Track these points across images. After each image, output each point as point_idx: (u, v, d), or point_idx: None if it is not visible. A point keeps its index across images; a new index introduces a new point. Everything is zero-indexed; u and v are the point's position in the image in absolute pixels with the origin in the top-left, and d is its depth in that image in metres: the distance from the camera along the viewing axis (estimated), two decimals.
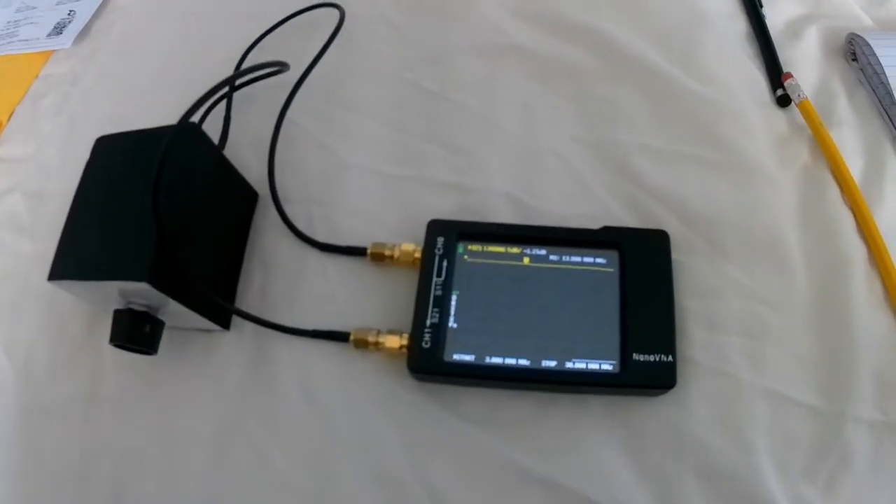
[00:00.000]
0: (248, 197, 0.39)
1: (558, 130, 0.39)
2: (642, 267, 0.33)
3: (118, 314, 0.33)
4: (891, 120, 0.41)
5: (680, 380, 0.32)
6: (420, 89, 0.41)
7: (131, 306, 0.33)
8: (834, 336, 0.34)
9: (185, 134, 0.34)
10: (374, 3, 0.47)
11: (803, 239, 0.37)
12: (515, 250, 0.34)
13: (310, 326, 0.35)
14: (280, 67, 0.37)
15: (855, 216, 0.37)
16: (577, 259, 0.34)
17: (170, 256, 0.30)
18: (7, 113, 0.49)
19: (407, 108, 0.41)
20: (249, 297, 0.37)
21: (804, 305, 0.35)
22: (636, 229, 0.35)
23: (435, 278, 0.33)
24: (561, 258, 0.34)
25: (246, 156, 0.39)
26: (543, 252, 0.34)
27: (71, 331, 0.38)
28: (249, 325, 0.36)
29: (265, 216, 0.38)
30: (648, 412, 0.33)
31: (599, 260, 0.34)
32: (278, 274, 0.37)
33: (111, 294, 0.32)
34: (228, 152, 0.38)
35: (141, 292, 0.31)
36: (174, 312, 0.33)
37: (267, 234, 0.38)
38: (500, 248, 0.34)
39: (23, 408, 0.36)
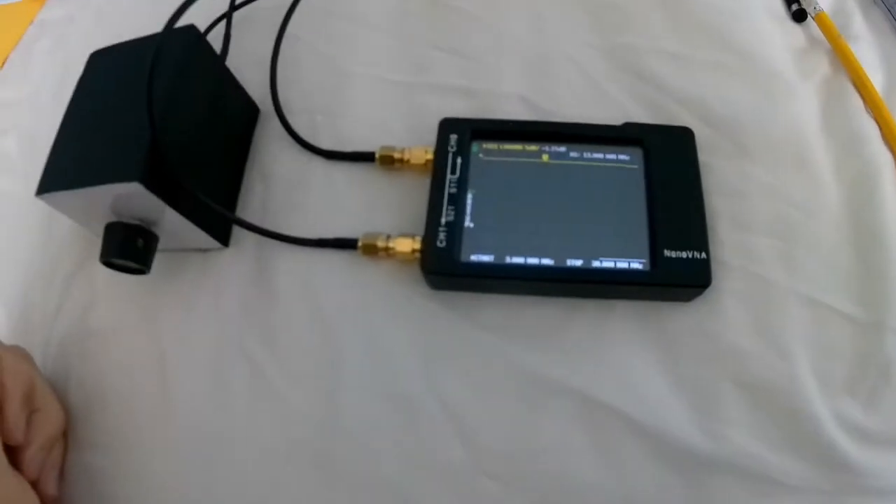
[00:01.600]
0: (248, 110, 0.36)
1: (571, 36, 0.37)
2: (667, 163, 0.31)
3: (109, 228, 0.29)
4: None
5: (712, 283, 0.29)
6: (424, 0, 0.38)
7: (123, 220, 0.29)
8: (866, 244, 0.31)
9: (184, 37, 0.31)
10: None
11: (828, 145, 0.34)
12: (533, 148, 0.31)
13: (315, 237, 0.31)
14: None
15: (879, 126, 0.35)
16: (599, 156, 0.31)
17: (163, 157, 0.27)
18: (0, 60, 0.46)
19: (412, 18, 0.38)
20: (250, 210, 0.33)
21: (834, 211, 0.32)
22: (659, 125, 0.32)
23: (449, 175, 0.30)
24: (582, 155, 0.31)
25: (247, 73, 0.36)
26: (563, 149, 0.31)
27: (63, 267, 0.35)
28: (250, 241, 0.32)
29: (266, 130, 0.35)
30: (679, 317, 0.30)
31: (622, 157, 0.31)
32: (281, 185, 0.34)
33: (104, 207, 0.29)
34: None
35: (133, 199, 0.28)
36: (169, 227, 0.30)
37: (268, 147, 0.35)
38: (517, 146, 0.31)
39: None
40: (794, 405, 0.28)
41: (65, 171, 0.28)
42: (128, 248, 0.29)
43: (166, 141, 0.27)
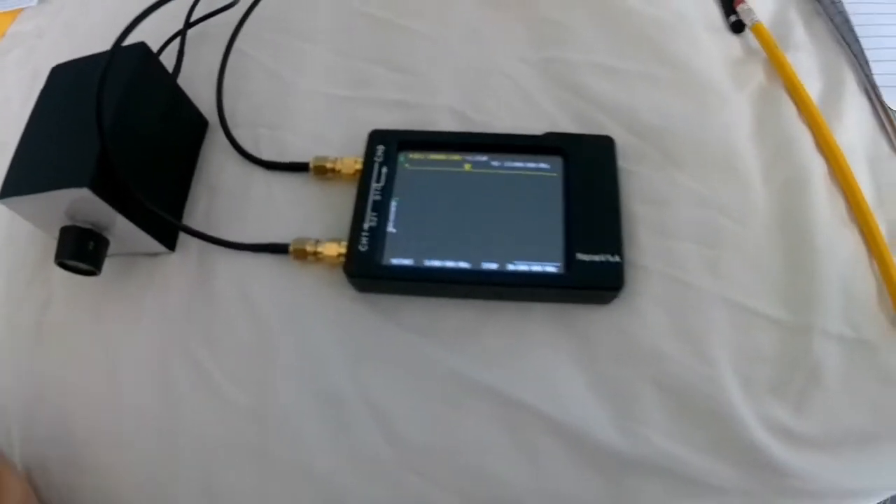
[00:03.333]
0: (197, 123, 0.37)
1: (507, 52, 0.38)
2: (587, 171, 0.31)
3: (64, 231, 0.31)
4: (849, 46, 0.38)
5: (630, 286, 0.30)
6: (369, 17, 0.40)
7: (77, 224, 0.31)
8: (795, 248, 0.31)
9: (134, 54, 0.33)
10: None
11: (759, 152, 0.34)
12: (457, 157, 0.32)
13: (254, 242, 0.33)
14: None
15: (813, 133, 0.35)
16: (520, 164, 0.32)
17: (112, 165, 0.29)
18: None
19: (356, 35, 0.39)
20: (194, 218, 0.35)
21: (762, 217, 0.32)
22: (580, 135, 0.32)
23: (374, 184, 0.31)
24: (503, 164, 0.32)
25: (198, 88, 0.38)
26: (485, 158, 0.32)
27: (24, 266, 0.36)
28: (194, 246, 0.34)
29: (213, 143, 0.37)
30: (598, 319, 0.30)
31: (543, 165, 0.31)
32: (223, 195, 0.35)
33: (59, 212, 0.30)
34: (181, 85, 0.36)
35: (85, 204, 0.29)
36: (119, 232, 0.31)
37: (214, 159, 0.36)
38: (441, 156, 0.32)
39: None
40: (715, 407, 0.28)
41: (22, 177, 0.30)
42: (80, 251, 0.31)
43: (116, 149, 0.28)
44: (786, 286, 0.30)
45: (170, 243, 0.34)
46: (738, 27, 0.39)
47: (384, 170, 0.31)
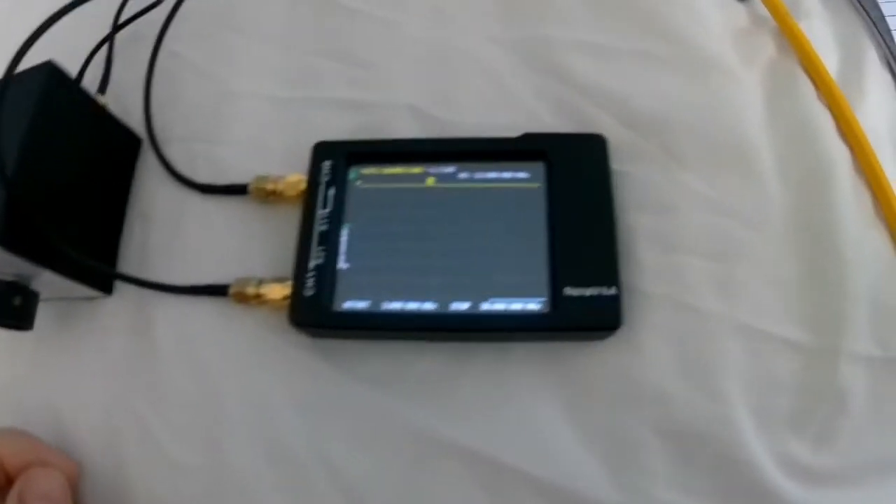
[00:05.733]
0: (129, 143, 0.30)
1: (475, 31, 0.29)
2: (574, 180, 0.24)
3: None
4: (867, 13, 0.31)
5: (629, 317, 0.23)
6: (314, 2, 0.31)
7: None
8: (818, 256, 0.25)
9: (40, 76, 0.25)
10: None
11: (774, 142, 0.27)
12: (417, 170, 0.24)
13: (192, 281, 0.26)
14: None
15: (834, 116, 0.27)
16: (493, 175, 0.24)
17: (25, 215, 0.22)
18: None
19: (300, 25, 0.31)
20: (130, 253, 0.28)
21: (780, 220, 0.25)
22: (564, 134, 0.25)
23: (319, 211, 0.24)
24: (473, 175, 0.24)
25: (131, 98, 0.30)
26: (451, 169, 0.24)
27: None
28: (132, 287, 0.27)
29: (146, 164, 0.29)
30: (589, 359, 0.24)
31: (521, 174, 0.24)
32: (157, 225, 0.28)
33: None
34: (112, 96, 0.29)
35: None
36: (48, 281, 0.25)
37: (147, 183, 0.29)
38: (399, 170, 0.24)
39: None
40: (725, 450, 0.22)
41: None
42: (4, 308, 0.24)
43: (29, 193, 0.22)
44: (807, 302, 0.24)
45: (106, 287, 0.27)
46: None
47: (331, 191, 0.24)
